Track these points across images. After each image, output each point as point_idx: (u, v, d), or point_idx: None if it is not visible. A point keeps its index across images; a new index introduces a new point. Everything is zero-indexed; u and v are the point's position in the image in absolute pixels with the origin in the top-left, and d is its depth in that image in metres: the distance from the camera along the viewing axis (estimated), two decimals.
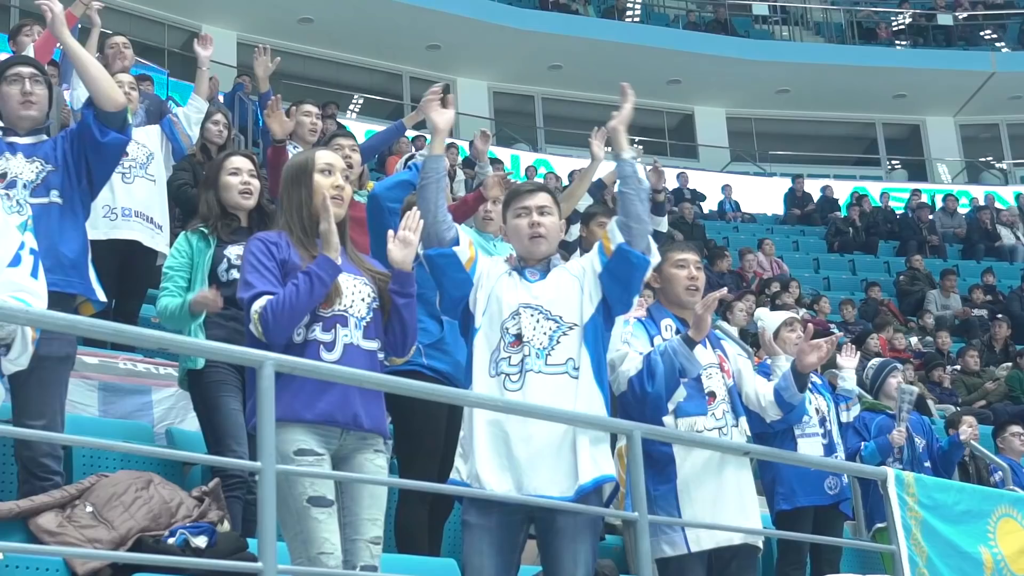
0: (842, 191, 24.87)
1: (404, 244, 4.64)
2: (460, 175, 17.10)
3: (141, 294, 7.91)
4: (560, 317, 4.83)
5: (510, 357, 4.76)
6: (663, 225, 8.70)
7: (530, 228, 4.95)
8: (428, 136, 5.55)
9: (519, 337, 4.77)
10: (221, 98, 18.54)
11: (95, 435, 5.89)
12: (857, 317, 17.45)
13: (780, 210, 24.38)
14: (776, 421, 5.57)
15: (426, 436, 5.83)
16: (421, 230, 4.70)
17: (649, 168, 8.77)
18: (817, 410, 7.57)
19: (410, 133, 16.40)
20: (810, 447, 7.42)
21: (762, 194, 25.43)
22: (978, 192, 26.46)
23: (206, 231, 5.69)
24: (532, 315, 4.81)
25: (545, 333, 4.78)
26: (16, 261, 4.04)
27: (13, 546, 4.36)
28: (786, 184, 24.79)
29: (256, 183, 5.83)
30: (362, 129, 23.02)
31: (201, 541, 4.84)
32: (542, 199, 5.02)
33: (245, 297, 4.47)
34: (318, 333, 4.49)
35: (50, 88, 5.43)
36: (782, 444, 7.32)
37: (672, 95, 28.08)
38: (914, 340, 16.68)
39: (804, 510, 7.48)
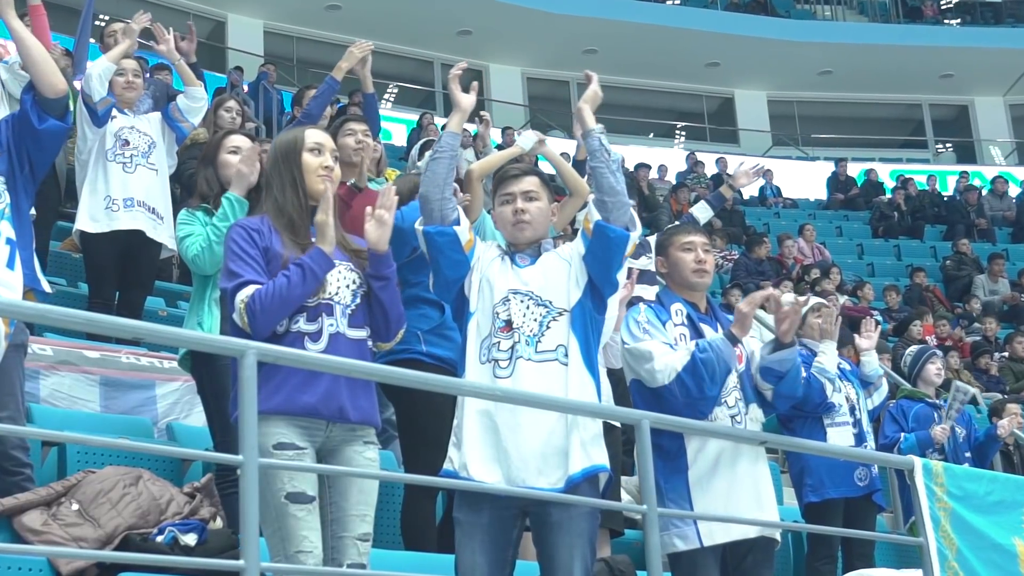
0: (887, 175, 24.63)
1: (379, 223, 4.54)
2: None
3: (145, 285, 7.86)
4: (550, 302, 4.73)
5: (500, 343, 4.68)
6: (705, 214, 8.61)
7: (513, 216, 4.86)
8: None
9: (509, 323, 4.69)
10: (246, 88, 18.52)
11: (89, 431, 5.85)
12: (901, 303, 17.27)
13: (823, 195, 24.17)
14: (774, 397, 5.39)
15: (429, 426, 5.72)
16: (395, 209, 4.60)
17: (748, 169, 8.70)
18: (847, 398, 7.45)
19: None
20: (840, 437, 7.31)
21: (804, 179, 25.23)
22: None
23: (210, 209, 5.61)
24: (522, 301, 4.73)
25: (535, 319, 4.70)
26: None
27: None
28: (829, 168, 24.57)
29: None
30: (396, 118, 23.03)
31: (190, 539, 4.77)
32: (528, 184, 4.92)
33: (229, 287, 4.37)
34: (302, 324, 4.40)
35: None
36: (811, 433, 7.24)
37: (711, 78, 27.93)
38: (957, 330, 16.47)
39: (833, 502, 7.37)
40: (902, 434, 8.22)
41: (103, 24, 8.77)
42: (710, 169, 22.88)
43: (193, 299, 5.60)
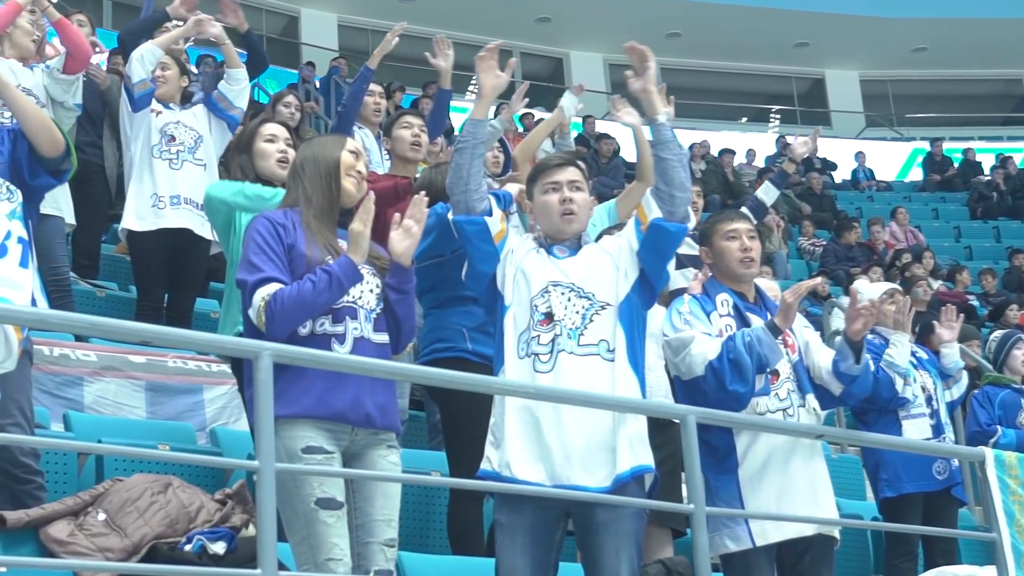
0: (987, 154, 24.20)
1: (406, 234, 4.47)
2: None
3: (195, 287, 7.83)
4: (592, 295, 4.65)
5: (540, 336, 4.59)
6: (771, 198, 8.47)
7: (561, 205, 4.76)
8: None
9: (549, 315, 4.60)
10: (317, 83, 18.59)
11: (128, 438, 5.85)
12: (999, 287, 16.95)
13: (919, 176, 23.82)
14: (844, 395, 5.28)
15: (472, 428, 5.63)
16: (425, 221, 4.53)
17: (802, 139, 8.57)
18: (923, 388, 7.27)
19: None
20: (916, 429, 7.13)
21: (899, 160, 24.87)
22: None
23: None
24: (563, 293, 4.64)
25: (577, 312, 4.61)
26: (2, 252, 3.96)
27: (12, 560, 4.27)
28: (926, 149, 24.22)
29: (293, 153, 5.70)
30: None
31: (219, 547, 4.75)
32: (573, 173, 4.83)
33: (249, 280, 4.30)
34: (328, 326, 4.34)
35: None
36: (886, 426, 7.10)
37: (801, 59, 27.63)
38: None
39: (911, 497, 7.20)
40: (999, 427, 7.98)
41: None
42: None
43: (230, 300, 5.55)
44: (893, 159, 25.12)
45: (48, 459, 5.43)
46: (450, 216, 4.82)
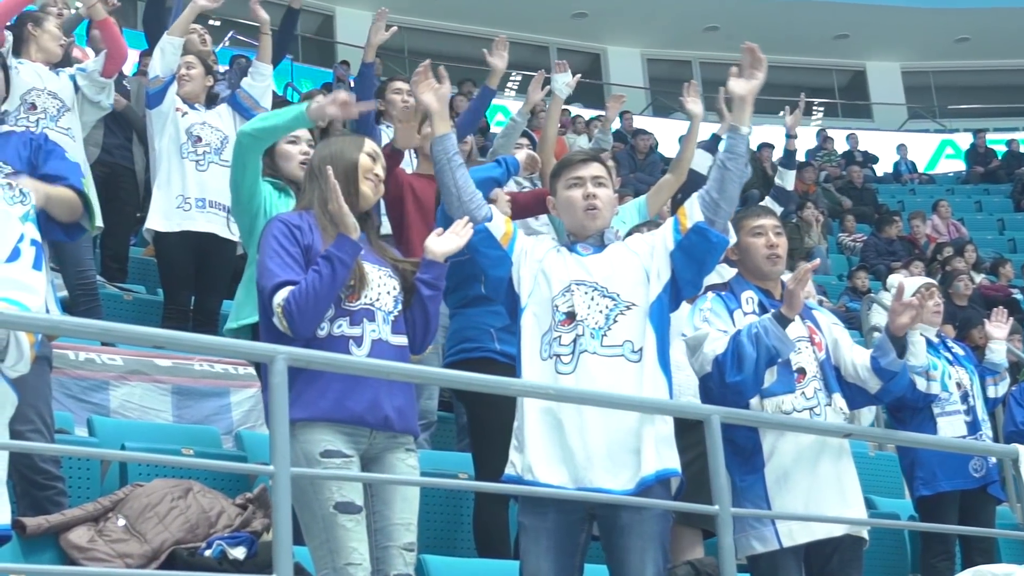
0: None
1: (447, 241, 4.51)
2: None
3: (221, 289, 7.81)
4: (617, 295, 4.60)
5: (561, 336, 4.56)
6: (789, 181, 8.42)
7: (585, 200, 4.73)
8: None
9: (571, 315, 4.56)
10: (352, 82, 18.58)
11: (152, 442, 5.85)
12: None
13: (949, 168, 23.67)
14: (881, 392, 5.22)
15: (497, 430, 5.61)
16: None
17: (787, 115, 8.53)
18: (959, 384, 7.19)
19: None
20: (951, 426, 7.06)
21: (941, 152, 24.73)
22: None
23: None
24: (586, 292, 4.60)
25: (601, 311, 4.57)
26: (15, 255, 3.97)
27: (30, 568, 4.29)
28: (968, 141, 24.05)
29: None
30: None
31: (239, 552, 4.74)
32: (596, 169, 4.80)
33: (267, 287, 4.29)
34: (345, 328, 4.32)
35: (6, 71, 5.25)
36: (921, 424, 7.03)
37: (841, 51, 27.50)
38: None
39: (947, 495, 7.12)
40: None
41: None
42: (840, 146, 22.50)
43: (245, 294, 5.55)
44: (936, 151, 24.96)
45: (72, 464, 5.45)
46: None
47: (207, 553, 4.77)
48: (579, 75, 8.16)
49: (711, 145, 8.41)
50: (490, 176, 5.82)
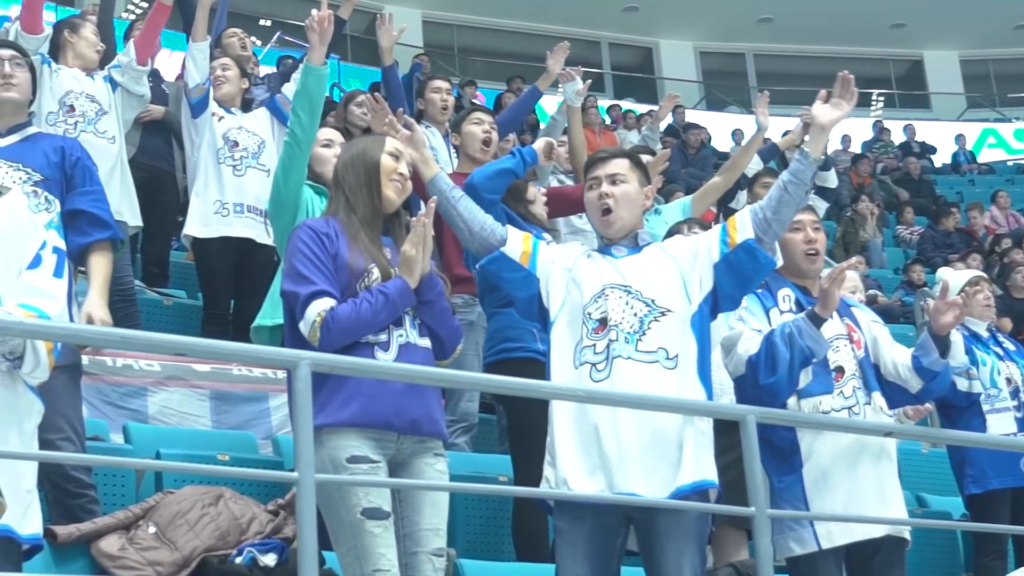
0: None
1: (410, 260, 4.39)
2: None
3: (261, 294, 7.78)
4: (652, 300, 4.52)
5: (595, 344, 4.49)
6: (831, 180, 8.33)
7: (599, 200, 4.69)
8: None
9: (604, 322, 4.49)
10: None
11: (188, 448, 5.87)
12: None
13: (992, 157, 23.48)
14: (922, 392, 5.15)
15: (536, 431, 5.56)
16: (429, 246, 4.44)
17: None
18: (1008, 380, 7.08)
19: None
20: (1001, 423, 6.96)
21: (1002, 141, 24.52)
22: None
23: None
24: (620, 296, 4.53)
25: (635, 315, 4.49)
26: (36, 262, 4.00)
27: None
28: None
29: None
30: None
31: (270, 559, 4.74)
32: (615, 166, 4.73)
33: (302, 293, 4.26)
34: (371, 334, 4.31)
35: (33, 72, 5.29)
36: (970, 421, 6.93)
37: (898, 41, 27.29)
38: None
39: (998, 493, 7.01)
40: None
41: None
42: (897, 136, 22.33)
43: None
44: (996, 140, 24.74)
45: (107, 472, 5.46)
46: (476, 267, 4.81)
47: (238, 560, 4.77)
48: (589, 81, 8.14)
49: (765, 152, 8.36)
50: (504, 168, 5.71)
